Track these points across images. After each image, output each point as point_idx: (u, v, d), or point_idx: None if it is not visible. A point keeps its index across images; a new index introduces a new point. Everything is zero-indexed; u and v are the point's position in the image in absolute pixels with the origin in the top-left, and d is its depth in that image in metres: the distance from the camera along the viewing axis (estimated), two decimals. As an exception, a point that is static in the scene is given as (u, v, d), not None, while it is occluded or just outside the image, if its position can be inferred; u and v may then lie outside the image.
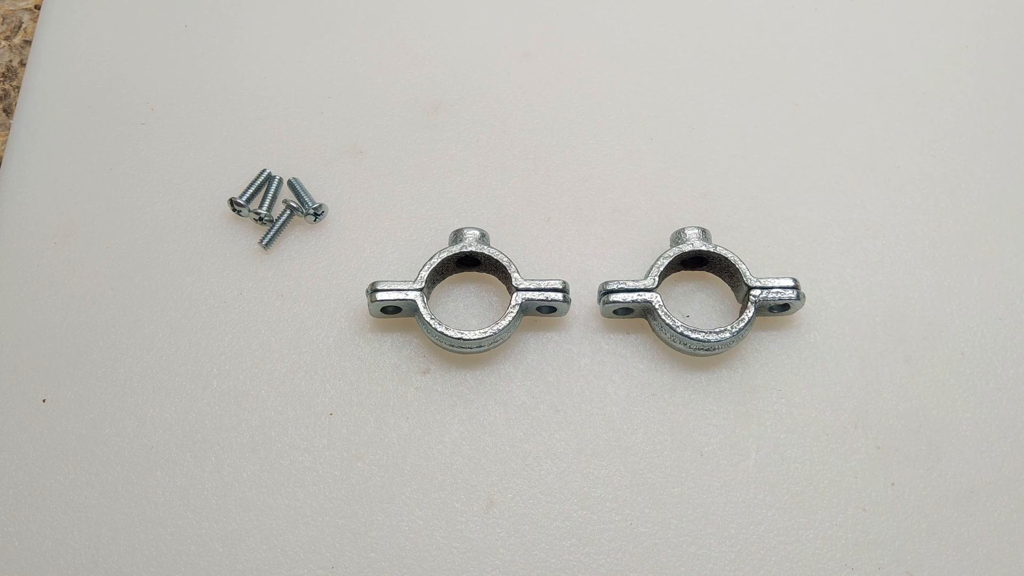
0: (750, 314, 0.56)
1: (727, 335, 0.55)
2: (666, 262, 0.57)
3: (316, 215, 0.60)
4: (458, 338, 0.55)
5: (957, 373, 0.57)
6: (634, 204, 0.62)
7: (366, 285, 0.59)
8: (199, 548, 0.54)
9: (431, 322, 0.55)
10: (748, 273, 0.56)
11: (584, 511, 0.55)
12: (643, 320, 0.58)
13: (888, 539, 0.54)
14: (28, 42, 0.70)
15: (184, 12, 0.68)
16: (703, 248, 0.57)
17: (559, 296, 0.56)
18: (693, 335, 0.55)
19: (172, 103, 0.65)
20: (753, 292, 0.56)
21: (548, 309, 0.57)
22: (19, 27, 0.71)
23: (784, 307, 0.57)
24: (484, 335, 0.55)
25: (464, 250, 0.57)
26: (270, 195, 0.61)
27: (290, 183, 0.61)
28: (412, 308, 0.56)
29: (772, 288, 0.56)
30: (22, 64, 0.69)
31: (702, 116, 0.64)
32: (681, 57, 0.66)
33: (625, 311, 0.57)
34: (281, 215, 0.60)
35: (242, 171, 0.63)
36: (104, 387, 0.57)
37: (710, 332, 0.55)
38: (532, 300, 0.56)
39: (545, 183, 0.62)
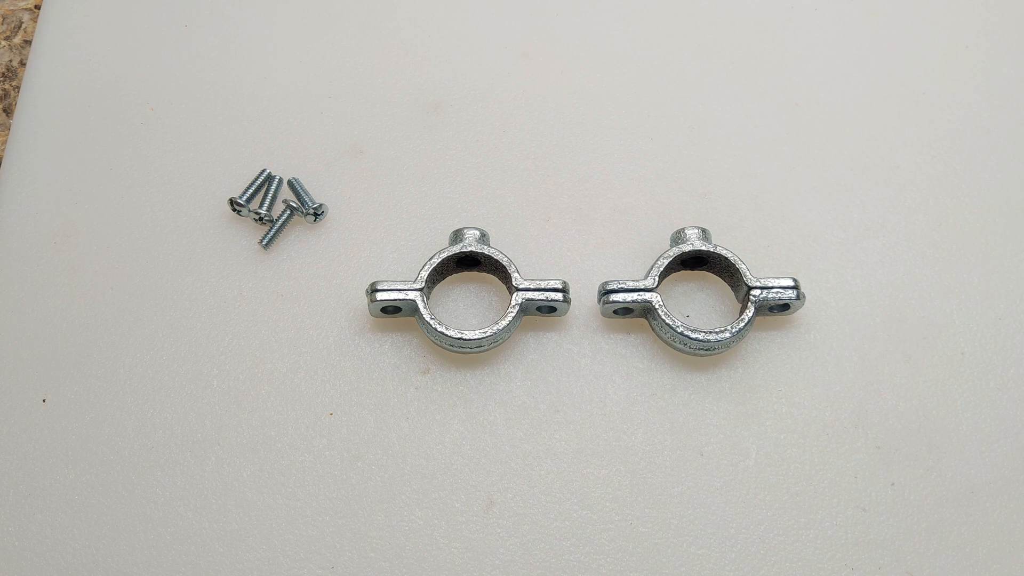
0: (750, 314, 0.56)
1: (727, 335, 0.55)
2: (666, 262, 0.57)
3: (316, 215, 0.60)
4: (458, 338, 0.55)
5: (957, 373, 0.57)
6: (634, 204, 0.62)
7: (366, 285, 0.59)
8: (199, 548, 0.54)
9: (431, 322, 0.55)
10: (748, 273, 0.56)
11: (584, 511, 0.55)
12: (643, 320, 0.58)
13: (888, 539, 0.54)
14: (28, 42, 0.70)
15: (184, 12, 0.68)
16: (703, 248, 0.57)
17: (559, 296, 0.56)
18: (693, 335, 0.55)
19: (172, 103, 0.65)
20: (753, 292, 0.56)
21: (548, 309, 0.57)
22: (19, 27, 0.71)
23: (784, 307, 0.57)
24: (484, 335, 0.55)
25: (464, 250, 0.57)
26: (270, 195, 0.61)
27: (290, 183, 0.61)
28: (412, 308, 0.56)
29: (772, 288, 0.56)
30: (22, 64, 0.69)
31: (702, 116, 0.64)
32: (681, 57, 0.66)
33: (625, 311, 0.57)
34: (281, 215, 0.60)
35: (242, 171, 0.63)
36: (104, 387, 0.57)
37: (710, 332, 0.55)
38: (532, 300, 0.56)
39: (545, 183, 0.62)
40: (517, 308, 0.56)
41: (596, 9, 0.68)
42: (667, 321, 0.55)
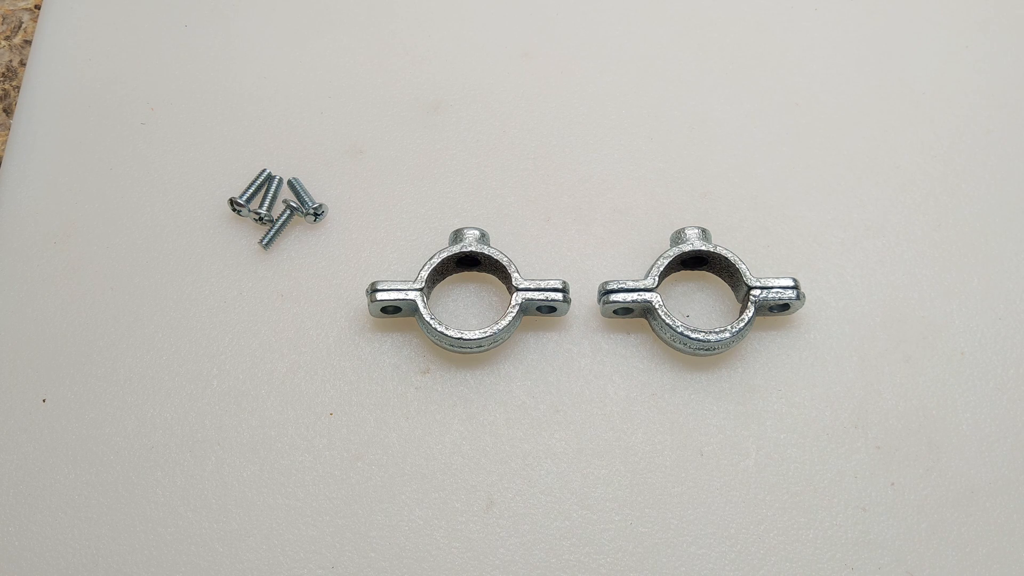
0: (750, 314, 0.56)
1: (727, 335, 0.55)
2: (666, 262, 0.57)
3: (316, 215, 0.60)
4: (458, 338, 0.55)
5: (957, 373, 0.57)
6: (634, 204, 0.62)
7: (366, 285, 0.59)
8: (199, 548, 0.54)
9: (431, 322, 0.55)
10: (748, 273, 0.56)
11: (584, 511, 0.55)
12: (643, 320, 0.58)
13: (888, 539, 0.54)
14: (28, 42, 0.70)
15: (183, 12, 0.68)
16: (703, 248, 0.57)
17: (559, 296, 0.56)
18: (693, 335, 0.55)
19: (172, 103, 0.65)
20: (753, 292, 0.56)
21: (548, 309, 0.57)
22: (19, 27, 0.71)
23: (784, 307, 0.57)
24: (484, 335, 0.55)
25: (464, 250, 0.57)
26: (270, 195, 0.61)
27: (290, 183, 0.61)
28: (412, 308, 0.56)
29: (772, 288, 0.56)
30: (22, 64, 0.69)
31: (702, 116, 0.64)
32: (681, 57, 0.66)
33: (625, 311, 0.57)
34: (281, 215, 0.60)
35: (242, 171, 0.63)
36: (104, 387, 0.57)
37: (710, 332, 0.55)
38: (532, 300, 0.56)
39: (545, 183, 0.62)
40: (517, 308, 0.56)
41: (596, 9, 0.68)
42: (667, 321, 0.55)
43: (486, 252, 0.57)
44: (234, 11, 0.68)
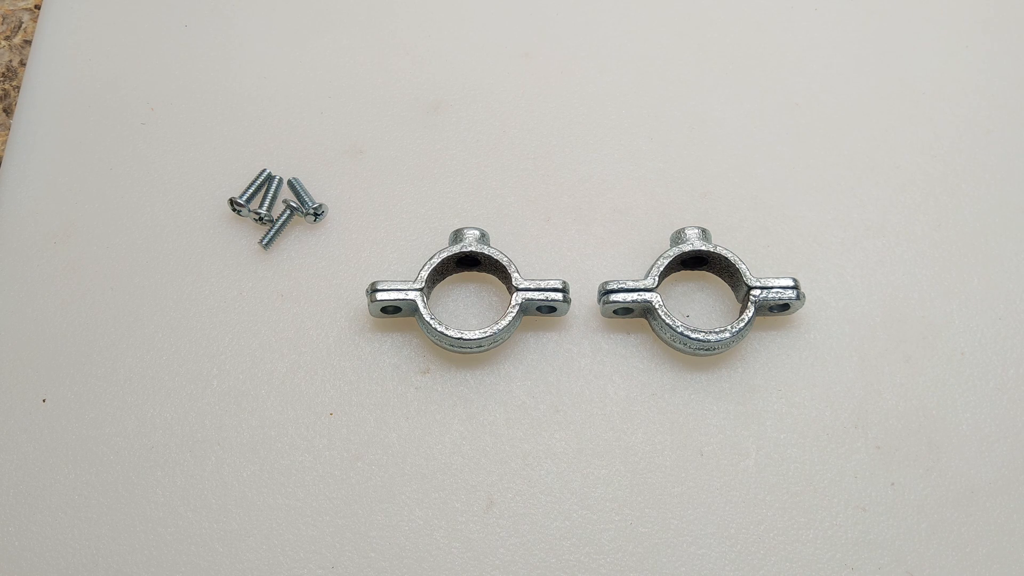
0: (750, 314, 0.56)
1: (727, 335, 0.55)
2: (666, 262, 0.57)
3: (316, 215, 0.60)
4: (458, 338, 0.55)
5: (957, 373, 0.57)
6: (634, 204, 0.62)
7: (366, 285, 0.59)
8: (199, 548, 0.54)
9: (431, 322, 0.55)
10: (748, 273, 0.56)
11: (584, 511, 0.55)
12: (643, 320, 0.58)
13: (888, 539, 0.54)
14: (28, 42, 0.70)
15: (184, 12, 0.68)
16: (703, 248, 0.57)
17: (559, 296, 0.56)
18: (693, 335, 0.55)
19: (172, 103, 0.65)
20: (753, 292, 0.56)
21: (548, 309, 0.57)
22: (19, 27, 0.71)
23: (784, 307, 0.57)
24: (484, 335, 0.55)
25: (464, 250, 0.57)
26: (270, 195, 0.61)
27: (290, 183, 0.61)
28: (412, 308, 0.56)
29: (772, 288, 0.56)
30: (22, 64, 0.69)
31: (702, 116, 0.64)
32: (681, 57, 0.66)
33: (625, 311, 0.57)
34: (281, 215, 0.60)
35: (242, 171, 0.63)
36: (104, 387, 0.57)
37: (710, 332, 0.55)
38: (532, 300, 0.56)
39: (545, 183, 0.62)
40: (517, 308, 0.56)
41: (596, 9, 0.68)
42: (667, 321, 0.55)
43: (486, 252, 0.57)
44: (234, 11, 0.68)
